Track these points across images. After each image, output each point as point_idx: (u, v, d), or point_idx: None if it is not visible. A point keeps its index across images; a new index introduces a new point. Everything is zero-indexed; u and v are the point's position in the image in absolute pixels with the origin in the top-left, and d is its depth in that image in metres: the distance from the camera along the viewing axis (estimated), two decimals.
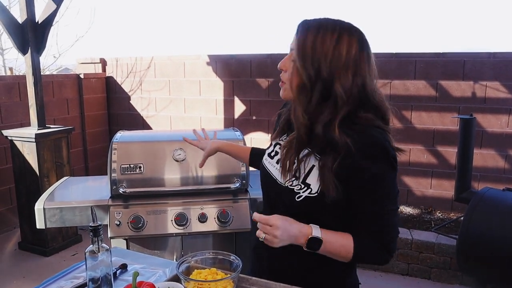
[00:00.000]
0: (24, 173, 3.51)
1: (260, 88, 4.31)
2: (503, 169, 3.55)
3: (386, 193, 1.08)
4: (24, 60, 3.55)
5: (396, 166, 1.07)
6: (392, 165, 1.06)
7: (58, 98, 4.47)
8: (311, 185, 1.09)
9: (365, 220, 1.08)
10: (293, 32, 1.13)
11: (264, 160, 1.27)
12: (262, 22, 67.13)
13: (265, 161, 1.26)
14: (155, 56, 4.79)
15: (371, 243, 1.09)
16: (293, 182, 1.12)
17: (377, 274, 3.24)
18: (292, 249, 1.09)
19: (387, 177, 1.06)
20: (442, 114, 3.67)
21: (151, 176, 2.15)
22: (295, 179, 1.12)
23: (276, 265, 1.21)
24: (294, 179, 1.12)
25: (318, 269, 1.17)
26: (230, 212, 2.14)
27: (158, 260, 1.45)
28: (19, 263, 3.43)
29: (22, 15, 3.45)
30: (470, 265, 2.54)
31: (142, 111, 4.93)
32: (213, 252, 1.19)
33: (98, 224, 1.06)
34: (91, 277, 1.06)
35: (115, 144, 2.17)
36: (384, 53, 3.77)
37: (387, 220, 1.08)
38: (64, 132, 3.67)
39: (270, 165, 1.22)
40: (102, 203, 2.13)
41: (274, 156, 1.23)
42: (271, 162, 1.23)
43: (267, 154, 1.27)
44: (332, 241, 1.07)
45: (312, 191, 1.08)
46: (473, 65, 3.54)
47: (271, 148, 1.27)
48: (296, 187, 1.11)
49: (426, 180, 3.81)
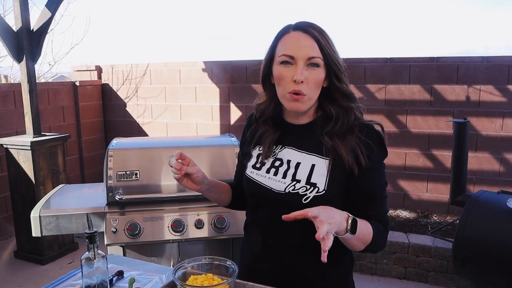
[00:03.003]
0: (19, 181, 3.49)
1: (256, 94, 4.28)
2: (498, 172, 3.57)
3: (385, 179, 1.19)
4: (19, 68, 3.55)
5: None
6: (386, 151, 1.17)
7: (54, 105, 4.46)
8: (317, 184, 1.11)
9: (375, 206, 1.15)
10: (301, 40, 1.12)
11: (249, 173, 1.24)
12: (258, 27, 67.52)
13: (251, 174, 1.23)
14: (150, 63, 4.80)
15: (381, 227, 1.15)
16: (295, 186, 1.13)
17: (375, 278, 3.24)
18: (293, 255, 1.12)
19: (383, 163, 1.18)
20: (437, 118, 3.69)
21: (148, 182, 2.15)
22: (296, 182, 1.13)
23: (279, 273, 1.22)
24: (296, 183, 1.13)
25: (318, 273, 1.19)
26: (227, 218, 2.14)
27: (155, 267, 1.45)
28: (15, 272, 3.40)
29: (17, 22, 3.45)
30: (466, 268, 2.54)
31: (138, 118, 4.93)
32: (209, 258, 1.18)
33: (94, 230, 1.06)
34: (87, 284, 1.06)
35: (111, 151, 2.17)
36: (378, 58, 3.80)
37: (386, 205, 1.19)
38: (60, 140, 3.67)
39: (260, 177, 1.20)
40: (98, 210, 2.13)
41: (261, 167, 1.21)
42: (260, 173, 1.21)
43: (251, 167, 1.24)
44: (361, 224, 1.07)
45: (319, 190, 1.11)
46: (467, 69, 3.57)
47: (252, 160, 1.25)
48: (301, 189, 1.12)
49: (422, 184, 3.83)
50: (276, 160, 1.20)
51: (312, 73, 1.10)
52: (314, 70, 1.10)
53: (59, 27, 7.36)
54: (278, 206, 1.16)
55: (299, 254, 1.19)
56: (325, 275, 1.20)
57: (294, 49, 1.10)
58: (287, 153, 1.20)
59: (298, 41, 1.10)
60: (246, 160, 1.28)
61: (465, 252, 2.48)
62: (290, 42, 1.11)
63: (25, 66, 3.48)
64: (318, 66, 1.10)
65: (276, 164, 1.20)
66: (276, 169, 1.19)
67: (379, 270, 3.26)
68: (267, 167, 1.20)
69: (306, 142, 1.19)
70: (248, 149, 1.29)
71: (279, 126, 1.23)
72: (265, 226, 1.23)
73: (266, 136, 1.23)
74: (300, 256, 1.19)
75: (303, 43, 1.09)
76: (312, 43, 1.09)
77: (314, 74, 1.10)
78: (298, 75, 1.08)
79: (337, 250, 1.25)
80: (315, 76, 1.10)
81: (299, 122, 1.21)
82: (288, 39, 1.12)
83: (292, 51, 1.10)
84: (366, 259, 3.26)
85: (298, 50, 1.09)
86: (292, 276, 1.20)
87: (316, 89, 1.13)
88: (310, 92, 1.11)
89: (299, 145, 1.19)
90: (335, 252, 1.23)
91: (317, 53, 1.09)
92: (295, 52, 1.09)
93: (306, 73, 1.09)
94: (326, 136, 1.14)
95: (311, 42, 1.09)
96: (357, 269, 3.29)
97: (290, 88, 1.11)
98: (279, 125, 1.23)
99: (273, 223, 1.19)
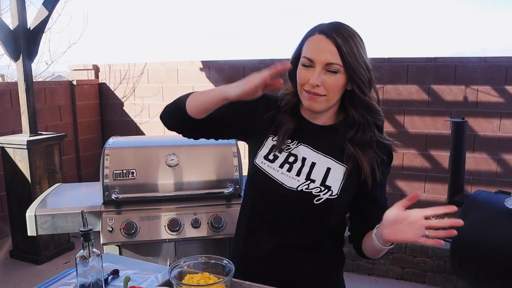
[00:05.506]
0: (15, 181, 3.47)
1: None
2: (495, 173, 3.57)
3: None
4: (16, 67, 3.53)
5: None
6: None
7: (51, 105, 4.44)
8: (331, 187, 1.12)
9: (380, 213, 1.13)
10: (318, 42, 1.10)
11: (259, 163, 1.20)
12: (256, 26, 67.46)
13: (262, 165, 1.19)
14: (148, 62, 4.78)
15: None
16: (309, 185, 1.13)
17: (372, 278, 3.23)
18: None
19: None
20: (434, 118, 3.69)
21: (144, 181, 2.14)
22: (310, 182, 1.13)
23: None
24: (310, 182, 1.13)
25: (313, 269, 1.19)
26: (224, 217, 2.13)
27: (150, 266, 1.44)
28: (11, 272, 3.38)
29: (13, 21, 3.43)
30: (464, 268, 2.54)
31: (136, 118, 4.91)
32: (205, 257, 1.18)
33: (88, 228, 1.05)
34: (81, 283, 1.05)
35: (107, 150, 2.15)
36: (376, 58, 3.79)
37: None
38: (56, 139, 3.65)
39: (272, 170, 1.18)
40: (94, 209, 2.11)
41: (275, 160, 1.19)
42: (272, 166, 1.18)
43: (263, 157, 1.20)
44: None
45: (332, 193, 1.12)
46: (464, 70, 3.57)
47: (264, 150, 1.21)
48: (314, 189, 1.13)
49: (419, 184, 3.83)
50: (290, 156, 1.18)
51: (330, 78, 1.09)
52: (332, 76, 1.08)
53: (57, 26, 7.33)
54: (286, 203, 1.15)
55: (298, 252, 1.19)
56: (321, 273, 1.20)
57: (313, 53, 1.09)
58: (303, 150, 1.18)
59: (319, 45, 1.09)
60: (256, 147, 1.23)
61: (463, 252, 2.48)
62: (312, 45, 1.11)
63: (22, 65, 3.46)
64: (337, 72, 1.08)
65: (290, 160, 1.18)
66: (290, 165, 1.17)
67: (376, 271, 3.26)
68: (281, 162, 1.18)
69: (324, 143, 1.18)
70: (260, 134, 1.24)
71: (298, 119, 1.21)
72: (267, 223, 1.21)
73: (283, 124, 1.20)
74: (298, 254, 1.19)
75: (323, 47, 1.08)
76: (332, 48, 1.07)
77: (333, 79, 1.09)
78: (314, 79, 1.08)
79: (332, 249, 1.26)
80: (334, 81, 1.09)
81: (318, 122, 1.20)
82: (312, 42, 1.11)
83: (311, 55, 1.09)
84: (363, 259, 3.24)
85: (317, 54, 1.08)
86: (289, 275, 1.19)
87: (336, 92, 1.11)
88: (329, 93, 1.10)
89: (316, 145, 1.18)
90: (330, 251, 1.24)
91: (336, 59, 1.07)
92: (314, 56, 1.09)
93: (324, 77, 1.09)
94: (349, 143, 1.14)
95: (332, 47, 1.07)
96: (354, 269, 3.28)
97: (306, 87, 1.11)
98: (298, 118, 1.22)
99: (277, 220, 1.19)
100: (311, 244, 1.20)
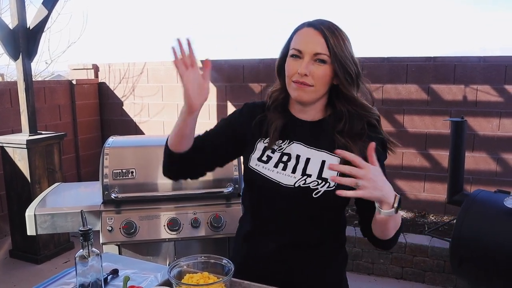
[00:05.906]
0: (15, 180, 3.47)
1: (253, 93, 4.31)
2: (494, 172, 3.58)
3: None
4: (16, 66, 3.53)
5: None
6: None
7: (50, 104, 4.44)
8: (328, 179, 1.13)
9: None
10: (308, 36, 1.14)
11: (253, 165, 1.20)
12: (255, 26, 67.45)
13: (256, 167, 1.20)
14: (147, 61, 4.78)
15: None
16: (305, 180, 1.14)
17: (372, 278, 3.24)
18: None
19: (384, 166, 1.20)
20: (434, 118, 3.69)
21: (144, 181, 2.14)
22: (307, 177, 1.14)
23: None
24: (306, 177, 1.14)
25: (318, 268, 1.19)
26: (223, 217, 2.13)
27: (150, 265, 1.44)
28: (10, 271, 3.38)
29: (13, 20, 3.43)
30: (463, 268, 2.54)
31: (135, 117, 4.91)
32: (205, 256, 1.18)
33: (88, 228, 1.05)
34: (81, 283, 1.05)
35: (107, 149, 2.15)
36: (375, 58, 3.79)
37: None
38: (56, 138, 3.65)
39: (267, 170, 1.18)
40: (94, 208, 2.11)
41: (268, 160, 1.19)
42: (267, 166, 1.19)
43: (256, 159, 1.21)
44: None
45: (330, 185, 1.12)
46: (463, 69, 3.57)
47: (257, 153, 1.22)
48: (312, 183, 1.13)
49: (419, 184, 3.83)
50: (283, 155, 1.19)
51: (318, 68, 1.12)
52: (320, 66, 1.12)
53: (56, 26, 7.31)
54: (285, 201, 1.16)
55: (299, 251, 1.19)
56: (322, 272, 1.20)
57: (302, 44, 1.13)
58: (296, 148, 1.19)
59: (308, 37, 1.14)
60: (249, 152, 1.24)
61: (462, 251, 2.48)
62: (301, 37, 1.15)
63: (22, 64, 3.46)
64: (325, 62, 1.12)
65: (284, 159, 1.18)
66: (285, 164, 1.18)
67: (376, 270, 3.26)
68: (275, 162, 1.19)
69: (315, 138, 1.19)
70: (252, 140, 1.25)
71: (287, 117, 1.23)
72: (267, 223, 1.21)
73: (273, 121, 1.21)
74: (299, 253, 1.19)
75: (312, 39, 1.13)
76: (320, 40, 1.12)
77: (320, 69, 1.12)
78: (302, 68, 1.11)
79: (333, 247, 1.26)
80: (321, 71, 1.12)
81: (307, 118, 1.21)
82: (300, 35, 1.16)
83: (300, 46, 1.13)
84: (363, 259, 3.25)
85: (306, 45, 1.13)
86: (290, 275, 1.19)
87: (323, 84, 1.14)
88: (316, 84, 1.13)
89: (308, 141, 1.19)
90: (331, 249, 1.24)
91: (324, 50, 1.11)
92: (302, 47, 1.13)
93: (312, 67, 1.12)
94: (338, 135, 1.16)
95: (320, 39, 1.12)
96: (354, 269, 3.28)
97: (294, 78, 1.14)
98: (287, 116, 1.23)
99: (277, 219, 1.19)
100: (312, 242, 1.20)
